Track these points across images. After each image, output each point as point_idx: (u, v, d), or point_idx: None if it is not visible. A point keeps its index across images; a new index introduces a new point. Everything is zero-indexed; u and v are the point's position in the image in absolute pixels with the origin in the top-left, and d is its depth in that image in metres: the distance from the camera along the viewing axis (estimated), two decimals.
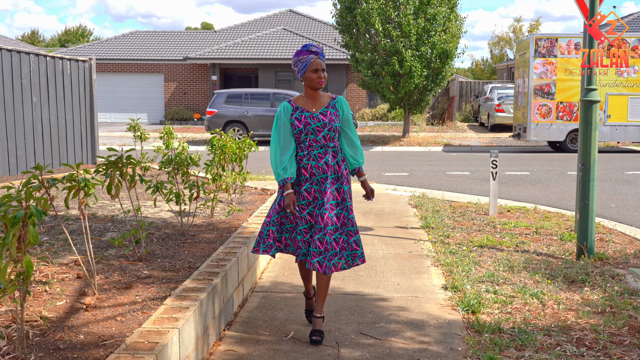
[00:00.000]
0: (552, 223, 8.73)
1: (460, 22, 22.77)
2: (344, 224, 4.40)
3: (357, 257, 4.41)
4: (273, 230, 4.44)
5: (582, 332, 4.63)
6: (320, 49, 4.48)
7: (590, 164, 6.93)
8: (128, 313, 3.89)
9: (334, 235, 4.31)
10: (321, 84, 4.42)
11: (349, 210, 4.44)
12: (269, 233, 4.44)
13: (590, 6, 7.03)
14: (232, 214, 6.99)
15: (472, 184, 13.14)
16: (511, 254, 7.00)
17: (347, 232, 4.40)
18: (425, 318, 4.95)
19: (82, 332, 3.58)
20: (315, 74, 4.39)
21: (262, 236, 4.47)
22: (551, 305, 5.25)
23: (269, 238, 4.43)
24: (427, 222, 8.58)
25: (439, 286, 5.83)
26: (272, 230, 4.44)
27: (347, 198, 4.46)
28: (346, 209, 4.43)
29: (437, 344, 4.41)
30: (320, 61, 4.42)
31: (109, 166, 4.60)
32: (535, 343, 4.39)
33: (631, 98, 19.24)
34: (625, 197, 11.49)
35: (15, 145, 10.05)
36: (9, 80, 9.87)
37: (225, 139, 6.90)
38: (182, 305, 3.91)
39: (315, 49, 4.44)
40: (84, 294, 4.16)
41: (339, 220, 4.38)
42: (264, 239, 4.45)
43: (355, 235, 4.42)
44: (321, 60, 4.43)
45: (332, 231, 4.30)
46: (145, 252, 5.08)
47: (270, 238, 4.43)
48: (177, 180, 5.99)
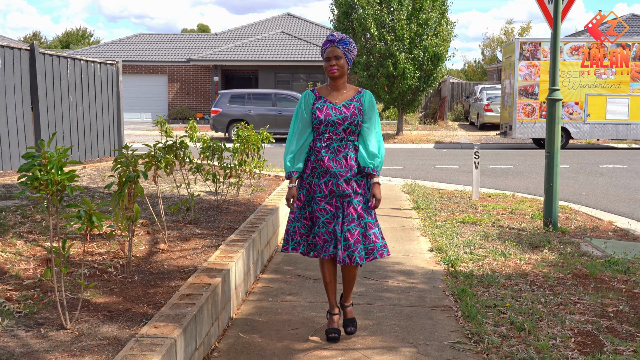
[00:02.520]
0: (526, 206, 10.08)
1: (450, 26, 24.20)
2: (361, 215, 4.28)
3: (376, 249, 4.31)
4: (299, 227, 4.41)
5: (536, 277, 5.99)
6: (336, 37, 4.29)
7: (554, 153, 8.26)
8: (193, 254, 5.24)
9: (351, 225, 4.23)
10: (333, 72, 4.27)
11: (364, 205, 4.33)
12: (295, 230, 4.42)
13: (554, 15, 8.28)
14: (255, 192, 8.37)
15: (459, 176, 14.49)
16: (488, 228, 8.34)
17: (365, 225, 4.30)
18: (414, 269, 6.31)
19: (164, 264, 4.93)
20: (327, 62, 4.28)
21: (289, 234, 4.45)
22: (514, 261, 6.60)
23: (296, 235, 4.42)
24: (418, 204, 9.94)
25: (426, 249, 7.18)
26: (297, 227, 4.41)
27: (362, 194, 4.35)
28: (365, 201, 4.33)
29: (422, 284, 5.77)
30: (334, 48, 4.26)
31: (167, 149, 5.95)
32: (498, 283, 5.74)
33: (609, 98, 20.65)
34: (595, 186, 12.86)
35: (55, 138, 11.38)
36: (51, 82, 11.22)
37: (249, 131, 8.25)
38: (232, 249, 5.26)
39: (332, 37, 4.29)
40: (157, 242, 5.51)
41: (356, 212, 4.27)
42: (291, 236, 4.43)
43: (374, 228, 4.33)
44: (337, 47, 4.26)
45: (349, 222, 4.24)
46: (194, 217, 6.44)
47: (297, 235, 4.41)
48: (214, 164, 7.35)
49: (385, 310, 5.00)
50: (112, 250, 5.08)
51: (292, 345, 4.27)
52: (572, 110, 20.73)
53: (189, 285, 4.27)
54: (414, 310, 5.02)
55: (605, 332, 4.54)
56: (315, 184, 4.32)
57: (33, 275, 4.45)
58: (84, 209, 3.51)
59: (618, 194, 11.81)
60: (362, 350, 4.20)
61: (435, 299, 5.32)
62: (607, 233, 8.30)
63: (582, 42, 20.76)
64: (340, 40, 4.28)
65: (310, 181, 4.36)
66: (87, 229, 3.53)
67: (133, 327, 3.62)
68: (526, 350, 4.17)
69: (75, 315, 3.69)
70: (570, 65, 20.49)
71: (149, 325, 3.54)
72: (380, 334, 4.50)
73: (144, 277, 4.58)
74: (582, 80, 20.42)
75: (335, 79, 4.33)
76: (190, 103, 35.70)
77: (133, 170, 4.41)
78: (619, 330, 4.59)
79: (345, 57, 4.29)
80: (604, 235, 8.15)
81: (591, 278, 5.94)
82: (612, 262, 6.50)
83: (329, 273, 4.46)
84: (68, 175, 3.38)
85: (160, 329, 3.48)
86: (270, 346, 4.25)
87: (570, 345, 4.29)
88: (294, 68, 34.09)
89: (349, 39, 4.32)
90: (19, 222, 6.02)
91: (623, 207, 10.57)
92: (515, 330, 4.53)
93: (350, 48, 4.31)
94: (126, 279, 4.50)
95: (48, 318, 3.72)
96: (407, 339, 4.41)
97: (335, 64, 4.25)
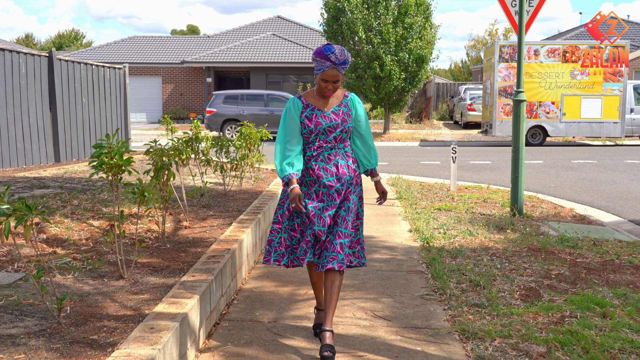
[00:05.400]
0: (498, 196, 11.23)
1: (434, 30, 25.42)
2: (336, 223, 4.20)
3: (337, 260, 4.13)
4: (285, 238, 4.26)
5: (496, 250, 7.12)
6: (340, 59, 4.08)
7: (519, 147, 9.39)
8: (210, 230, 6.34)
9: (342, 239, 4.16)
10: (328, 95, 4.21)
11: (347, 212, 4.23)
12: (280, 241, 4.26)
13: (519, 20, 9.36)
14: (256, 183, 9.50)
15: (441, 171, 15.65)
16: (461, 214, 9.47)
17: (336, 233, 4.18)
18: (395, 245, 7.43)
19: (188, 237, 6.04)
20: (324, 83, 4.13)
21: (272, 245, 4.30)
22: (480, 239, 7.73)
23: (280, 246, 4.26)
24: (400, 194, 11.08)
25: (406, 230, 8.31)
26: (284, 238, 4.25)
27: (351, 199, 4.27)
28: (345, 209, 4.22)
29: (401, 255, 6.89)
30: (335, 72, 4.09)
31: (186, 142, 7.04)
32: (464, 255, 6.87)
33: (584, 98, 21.90)
34: (565, 179, 14.04)
35: (70, 137, 12.46)
36: (66, 85, 12.29)
37: (250, 129, 9.34)
38: (243, 225, 6.36)
39: (334, 58, 4.07)
40: (180, 221, 6.61)
41: (332, 220, 4.19)
42: (275, 247, 4.29)
43: (345, 239, 4.19)
44: (338, 70, 4.10)
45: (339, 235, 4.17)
46: (207, 202, 7.55)
47: (282, 246, 4.26)
48: (221, 157, 8.46)
49: (369, 274, 6.12)
50: (145, 226, 6.19)
51: (294, 297, 5.38)
52: (548, 110, 21.96)
53: (212, 250, 5.38)
54: (393, 274, 6.15)
55: (546, 288, 5.67)
56: (305, 193, 4.22)
57: (86, 243, 5.54)
58: (136, 186, 4.61)
59: (584, 186, 12.99)
60: (350, 300, 5.31)
61: (410, 266, 6.45)
62: (566, 218, 9.45)
63: (558, 45, 21.99)
64: (342, 63, 4.11)
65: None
66: (140, 202, 4.63)
67: (175, 277, 4.73)
68: (479, 298, 5.30)
69: (129, 270, 4.79)
70: (547, 66, 21.72)
71: (187, 275, 4.64)
72: (365, 289, 5.62)
73: (175, 245, 5.68)
74: (558, 81, 21.67)
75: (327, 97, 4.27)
76: (184, 104, 36.77)
77: (167, 159, 5.51)
78: (557, 287, 5.71)
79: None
80: (563, 219, 9.30)
81: (543, 251, 7.07)
82: (564, 240, 7.64)
83: (316, 274, 4.44)
84: (127, 161, 4.48)
85: (196, 277, 4.58)
86: (277, 297, 5.36)
87: (515, 296, 5.42)
88: (284, 69, 35.24)
89: (349, 55, 4.16)
90: (60, 205, 7.10)
91: (586, 196, 11.74)
92: (473, 286, 5.66)
93: (348, 66, 4.21)
94: (161, 246, 5.60)
95: (107, 272, 4.82)
96: (386, 293, 5.54)
97: (332, 88, 4.17)
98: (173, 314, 3.79)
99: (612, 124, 22.06)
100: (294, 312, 5.01)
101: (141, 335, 3.46)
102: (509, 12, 9.70)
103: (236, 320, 4.78)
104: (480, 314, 4.93)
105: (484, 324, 4.70)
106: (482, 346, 4.30)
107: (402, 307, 5.16)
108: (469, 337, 4.47)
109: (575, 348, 4.25)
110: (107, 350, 3.36)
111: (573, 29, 42.30)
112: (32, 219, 3.48)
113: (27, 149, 11.12)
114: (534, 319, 4.82)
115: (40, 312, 3.91)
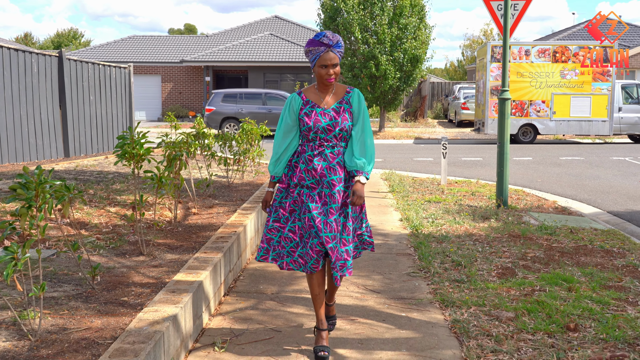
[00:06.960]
0: (486, 189, 11.85)
1: (429, 30, 26.05)
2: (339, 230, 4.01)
3: (346, 267, 4.01)
4: (284, 238, 4.11)
5: (479, 237, 7.73)
6: (333, 41, 3.94)
7: (504, 143, 10.00)
8: (217, 216, 6.95)
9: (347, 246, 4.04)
10: (331, 81, 3.99)
11: (347, 218, 4.07)
12: (279, 241, 4.12)
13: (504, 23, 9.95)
14: (257, 175, 10.11)
15: (433, 167, 16.27)
16: (449, 205, 10.08)
17: (340, 240, 4.00)
18: (387, 232, 8.04)
19: (197, 222, 6.65)
20: (324, 69, 3.95)
21: (271, 243, 4.15)
22: (465, 227, 8.35)
23: (279, 246, 4.13)
24: (393, 188, 11.69)
25: (397, 219, 8.92)
26: (284, 237, 4.11)
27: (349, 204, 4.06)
28: (345, 215, 4.06)
29: (392, 241, 7.50)
30: (332, 55, 3.92)
31: (195, 136, 7.64)
32: (449, 240, 7.49)
33: (573, 97, 22.55)
34: (551, 175, 14.67)
35: (79, 133, 13.07)
36: (75, 84, 12.89)
37: (251, 126, 9.95)
38: (246, 212, 6.97)
39: (327, 40, 3.92)
40: (188, 208, 7.22)
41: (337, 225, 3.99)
42: (274, 246, 4.14)
43: (349, 245, 4.04)
44: (334, 53, 3.93)
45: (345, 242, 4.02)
46: (213, 192, 8.16)
47: (280, 246, 4.12)
48: (225, 151, 9.06)
49: (362, 256, 6.73)
50: (158, 212, 6.79)
51: (294, 274, 5.99)
52: (539, 108, 22.60)
53: (220, 232, 5.99)
54: (384, 256, 6.76)
55: (521, 268, 6.29)
56: (306, 195, 4.02)
57: (107, 226, 6.15)
58: (155, 173, 5.22)
59: (569, 181, 13.63)
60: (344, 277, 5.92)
61: (400, 249, 7.07)
62: (548, 209, 10.07)
63: (548, 45, 22.63)
64: (336, 44, 3.96)
65: (300, 191, 4.06)
66: (158, 187, 5.24)
67: (188, 254, 5.34)
68: (459, 276, 5.92)
69: (148, 248, 5.40)
70: (538, 66, 22.36)
71: (199, 252, 5.25)
72: (358, 269, 6.23)
73: (186, 229, 6.29)
74: (548, 81, 22.31)
75: (329, 85, 4.07)
76: (183, 102, 37.38)
77: (179, 151, 6.12)
78: (531, 267, 6.33)
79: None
80: (545, 210, 9.91)
81: (522, 237, 7.69)
82: (543, 228, 8.26)
83: (318, 285, 4.14)
84: (147, 150, 5.08)
85: (207, 254, 5.19)
86: (279, 274, 5.98)
87: (492, 274, 6.04)
88: (282, 69, 35.87)
89: (340, 39, 4.00)
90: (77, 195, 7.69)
91: (570, 190, 12.37)
92: (455, 266, 6.27)
93: (342, 50, 4.03)
94: (174, 229, 6.21)
95: (128, 250, 5.43)
96: (377, 271, 6.16)
97: (333, 73, 3.97)
98: (190, 282, 4.40)
99: (601, 122, 22.71)
100: (294, 286, 5.63)
101: (165, 297, 4.07)
102: (495, 15, 10.31)
103: (243, 292, 5.40)
104: (460, 288, 5.55)
105: (462, 295, 5.32)
106: (459, 312, 4.93)
107: (390, 283, 5.78)
108: (448, 305, 5.09)
109: (540, 314, 4.87)
110: (137, 309, 3.97)
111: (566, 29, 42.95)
112: (70, 197, 4.08)
113: (38, 144, 11.72)
114: (506, 292, 5.45)
115: (75, 280, 4.52)
